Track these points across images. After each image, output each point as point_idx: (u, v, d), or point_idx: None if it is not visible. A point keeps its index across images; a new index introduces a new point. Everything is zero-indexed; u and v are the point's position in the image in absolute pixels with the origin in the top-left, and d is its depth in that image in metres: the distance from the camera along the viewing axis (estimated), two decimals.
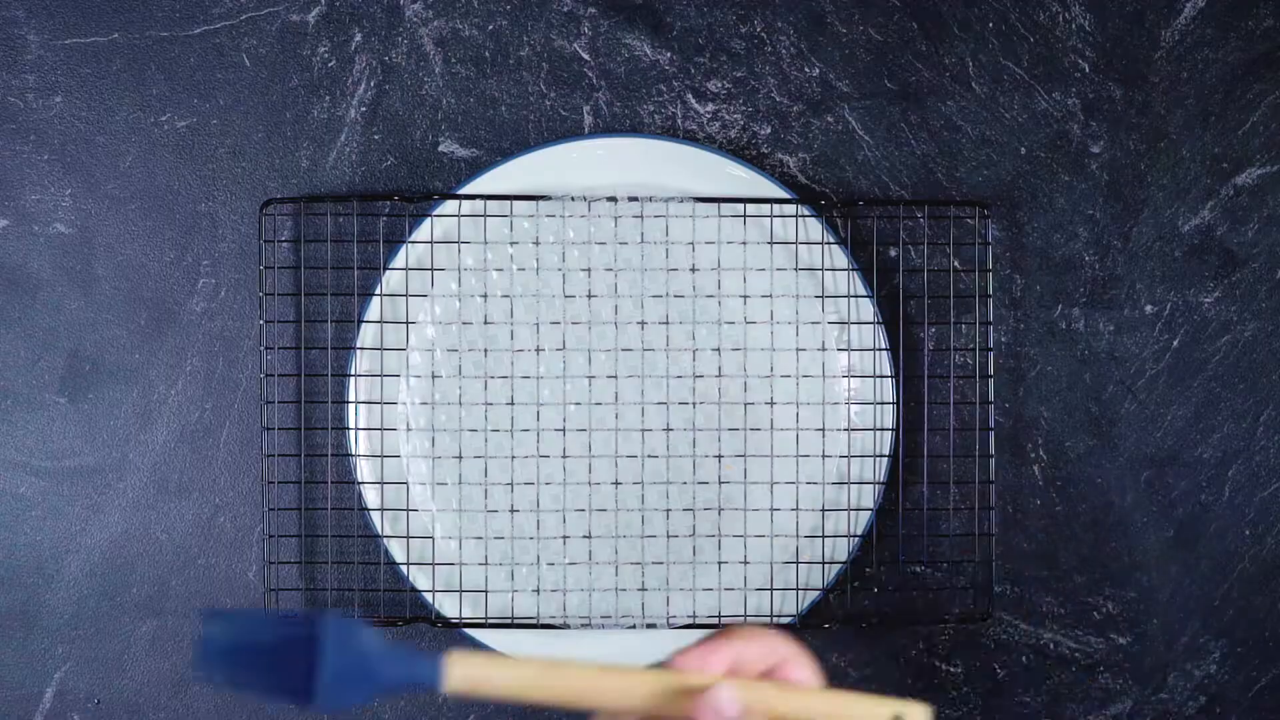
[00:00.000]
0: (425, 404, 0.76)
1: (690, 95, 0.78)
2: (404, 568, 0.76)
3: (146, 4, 0.78)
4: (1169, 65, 0.79)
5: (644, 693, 0.51)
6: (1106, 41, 0.79)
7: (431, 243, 0.76)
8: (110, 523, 0.78)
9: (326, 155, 0.78)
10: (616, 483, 0.76)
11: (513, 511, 0.76)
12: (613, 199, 0.76)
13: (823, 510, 0.76)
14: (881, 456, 0.77)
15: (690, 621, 0.76)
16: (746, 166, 0.76)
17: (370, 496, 0.76)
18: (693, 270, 0.76)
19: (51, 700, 0.78)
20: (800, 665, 0.53)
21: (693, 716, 0.50)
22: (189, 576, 0.78)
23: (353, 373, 0.76)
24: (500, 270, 0.76)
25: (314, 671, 0.48)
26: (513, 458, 0.76)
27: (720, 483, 0.76)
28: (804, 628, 0.77)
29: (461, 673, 0.49)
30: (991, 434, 0.77)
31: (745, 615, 0.76)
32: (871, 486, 0.76)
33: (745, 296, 0.76)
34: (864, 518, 0.76)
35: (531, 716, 0.78)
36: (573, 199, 0.76)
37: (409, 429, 0.76)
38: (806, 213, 0.76)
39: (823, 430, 0.76)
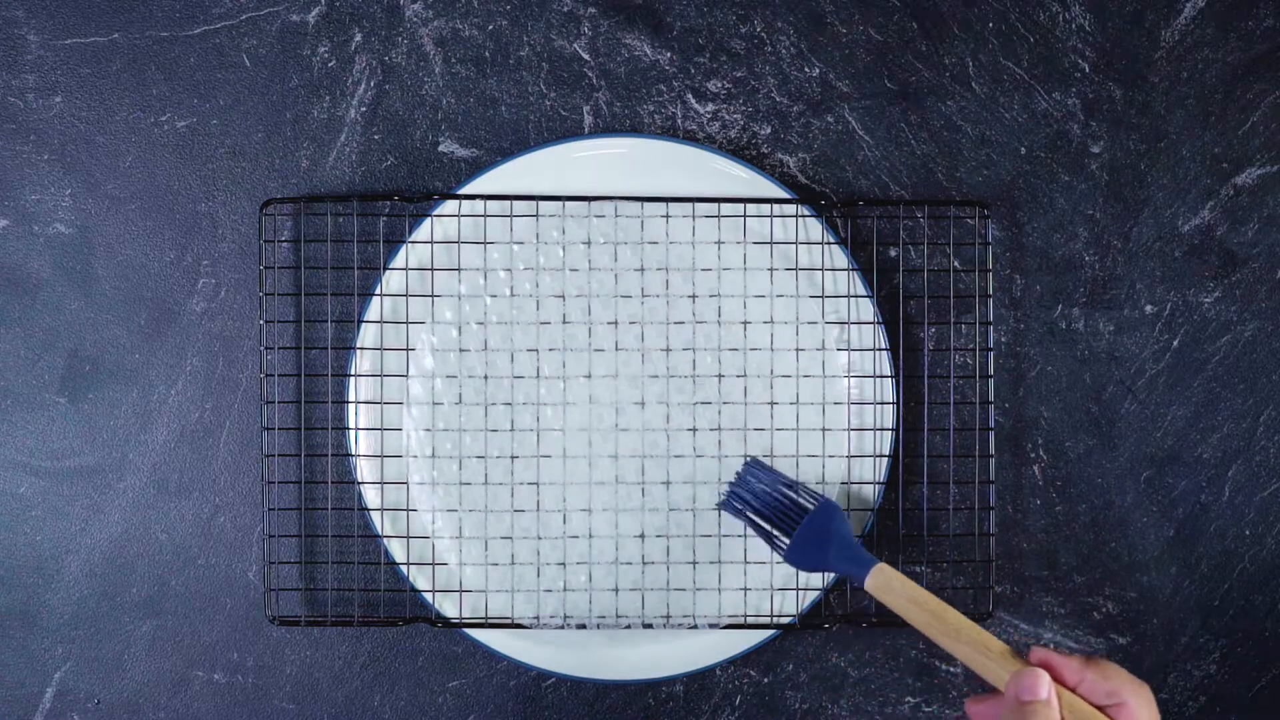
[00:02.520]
0: (425, 404, 0.76)
1: (690, 95, 0.78)
2: (404, 568, 0.76)
3: (146, 4, 0.78)
4: (1169, 65, 0.79)
5: (993, 660, 0.64)
6: (1106, 41, 0.79)
7: (432, 243, 0.76)
8: (110, 523, 0.78)
9: (326, 155, 0.78)
10: (617, 483, 0.76)
11: (513, 511, 0.76)
12: (613, 199, 0.76)
13: None
14: (881, 456, 0.77)
15: (690, 622, 0.76)
16: (746, 166, 0.76)
17: (370, 496, 0.76)
18: (693, 270, 0.76)
19: (51, 700, 0.78)
20: (1130, 713, 0.61)
21: (1019, 676, 0.61)
22: (189, 576, 0.78)
23: (353, 373, 0.76)
24: (500, 270, 0.76)
25: (793, 534, 0.71)
26: (513, 458, 0.76)
27: (720, 483, 0.76)
28: (804, 628, 0.77)
29: (876, 583, 0.69)
30: (991, 434, 0.77)
31: (745, 615, 0.76)
32: (871, 486, 0.76)
33: (745, 296, 0.76)
34: (864, 518, 0.76)
35: (533, 717, 0.78)
36: (573, 199, 0.76)
37: (409, 429, 0.76)
38: (806, 213, 0.76)
39: (823, 430, 0.76)
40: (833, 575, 0.76)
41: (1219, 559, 0.79)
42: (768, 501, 0.73)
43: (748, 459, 0.75)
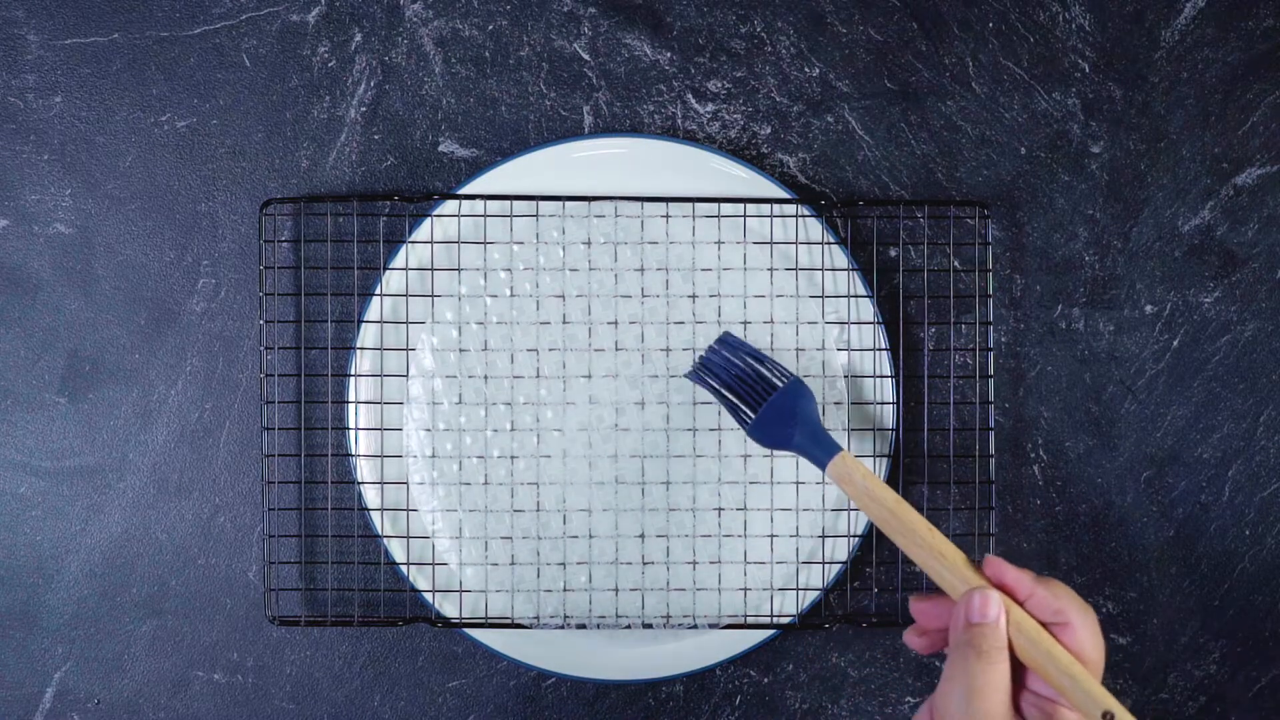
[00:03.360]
0: (425, 404, 0.76)
1: (690, 95, 0.78)
2: (404, 568, 0.76)
3: (146, 4, 0.78)
4: (1169, 65, 0.79)
5: (946, 568, 0.64)
6: (1106, 41, 0.79)
7: (432, 243, 0.76)
8: (110, 523, 0.78)
9: (326, 155, 0.78)
10: (617, 483, 0.76)
11: (513, 511, 0.76)
12: (612, 199, 0.76)
13: (823, 510, 0.76)
14: (881, 456, 0.77)
15: (690, 622, 0.76)
16: (746, 166, 0.76)
17: (370, 496, 0.76)
18: (693, 270, 0.76)
19: (51, 700, 0.78)
20: (1074, 632, 0.61)
21: (969, 596, 0.62)
22: (189, 576, 0.78)
23: (353, 373, 0.76)
24: (500, 270, 0.76)
25: (759, 409, 0.70)
26: (513, 458, 0.76)
27: (720, 483, 0.76)
28: (804, 628, 0.77)
29: (837, 470, 0.68)
30: (991, 434, 0.77)
31: (745, 615, 0.76)
32: None
33: (745, 296, 0.76)
34: (864, 518, 0.76)
35: (533, 717, 0.78)
36: (573, 199, 0.76)
37: (409, 429, 0.76)
38: (806, 213, 0.76)
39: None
40: (832, 576, 0.76)
41: (1219, 559, 0.79)
42: (736, 373, 0.71)
43: (725, 333, 0.73)
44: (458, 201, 0.76)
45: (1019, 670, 0.62)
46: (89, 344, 0.78)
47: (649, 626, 0.76)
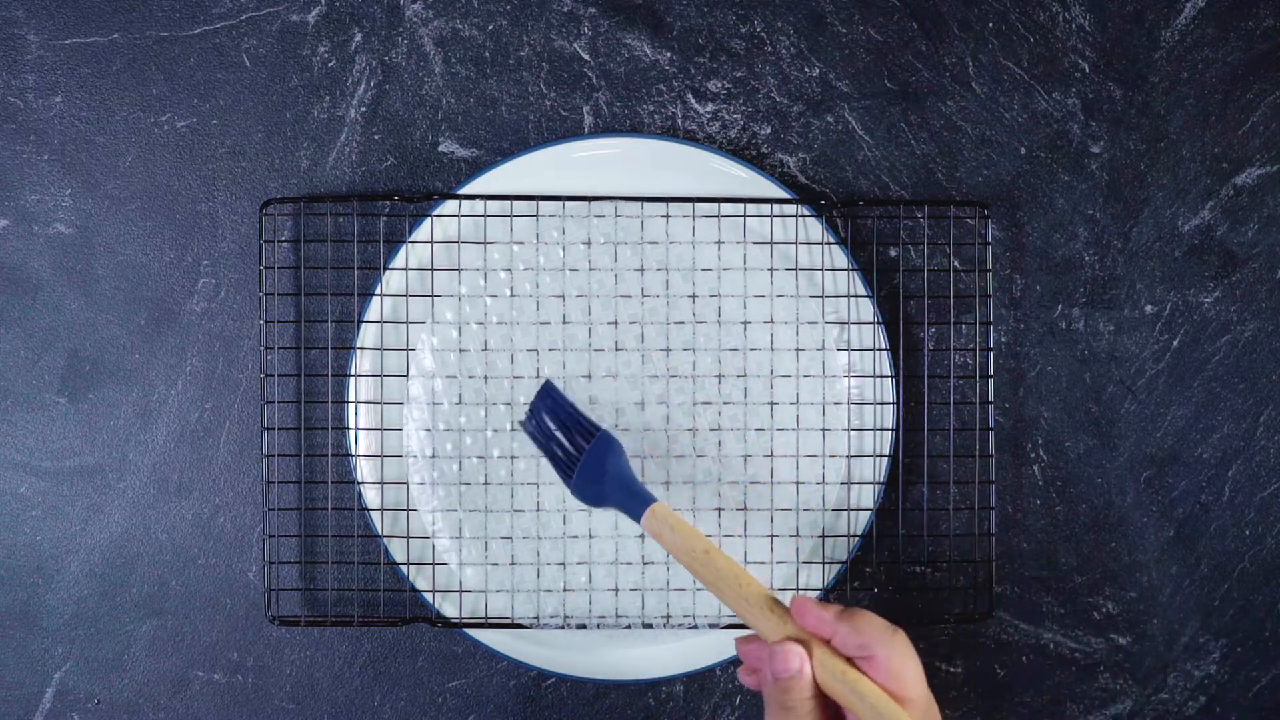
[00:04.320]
0: (425, 404, 0.76)
1: (690, 95, 0.78)
2: (404, 568, 0.76)
3: (146, 4, 0.78)
4: (1169, 65, 0.79)
5: (754, 615, 0.65)
6: (1106, 41, 0.79)
7: (432, 243, 0.76)
8: (110, 523, 0.78)
9: (326, 155, 0.78)
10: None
11: (513, 511, 0.76)
12: (613, 199, 0.76)
13: (823, 510, 0.76)
14: (881, 456, 0.77)
15: (690, 622, 0.76)
16: (746, 166, 0.76)
17: (370, 496, 0.76)
18: (693, 270, 0.76)
19: (51, 700, 0.78)
20: (879, 664, 0.63)
21: (770, 652, 0.63)
22: (189, 576, 0.78)
23: (353, 373, 0.76)
24: (500, 270, 0.76)
25: (575, 466, 0.69)
26: (513, 458, 0.76)
27: (720, 483, 0.76)
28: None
29: (650, 523, 0.67)
30: (991, 434, 0.77)
31: None
32: (871, 486, 0.76)
33: (745, 296, 0.76)
34: (864, 518, 0.76)
35: (533, 717, 0.78)
36: (573, 199, 0.76)
37: (409, 429, 0.76)
38: (806, 213, 0.76)
39: (823, 430, 0.76)
40: (832, 576, 0.76)
41: (1219, 559, 0.79)
42: (553, 429, 0.70)
43: (545, 383, 0.71)
44: (458, 201, 0.76)
45: (838, 708, 0.64)
46: (89, 344, 0.78)
47: (649, 626, 0.76)
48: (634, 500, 0.68)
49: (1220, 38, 0.79)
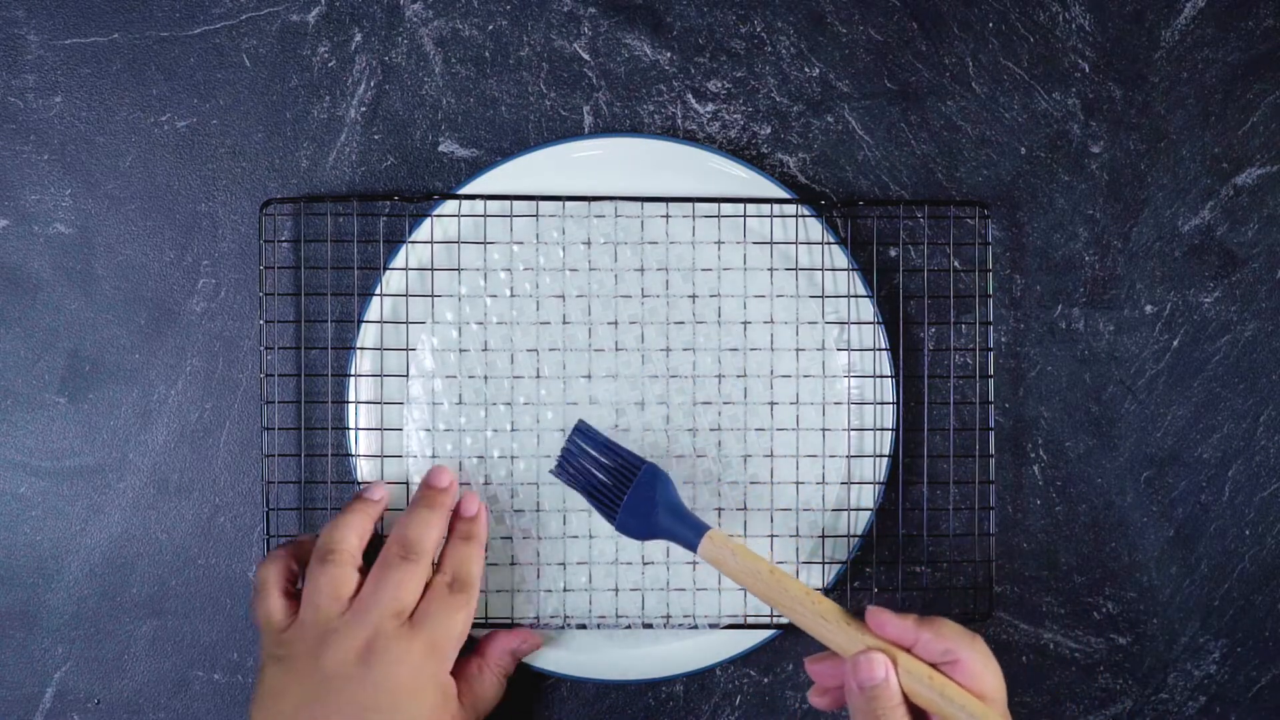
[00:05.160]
0: (425, 404, 0.76)
1: (690, 95, 0.78)
2: None
3: (146, 4, 0.78)
4: (1169, 65, 0.79)
5: (831, 629, 0.66)
6: (1106, 41, 0.79)
7: (432, 242, 0.76)
8: (110, 523, 0.78)
9: (326, 155, 0.78)
10: None
11: (513, 511, 0.76)
12: (613, 199, 0.76)
13: (823, 510, 0.76)
14: (881, 456, 0.77)
15: (690, 622, 0.76)
16: (746, 166, 0.76)
17: None
18: (693, 270, 0.76)
19: (51, 700, 0.78)
20: (964, 667, 0.64)
21: (854, 663, 0.65)
22: (189, 576, 0.78)
23: (353, 373, 0.76)
24: (500, 270, 0.76)
25: (620, 501, 0.69)
26: (513, 457, 0.76)
27: (720, 483, 0.76)
28: None
29: (708, 551, 0.68)
30: (991, 434, 0.77)
31: (745, 615, 0.76)
32: (871, 486, 0.76)
33: (745, 296, 0.76)
34: (864, 518, 0.76)
35: (533, 717, 0.78)
36: (573, 199, 0.76)
37: (409, 429, 0.76)
38: (806, 213, 0.76)
39: (823, 430, 0.76)
40: (832, 576, 0.76)
41: (1219, 559, 0.79)
42: (593, 467, 0.71)
43: (578, 422, 0.72)
44: (458, 201, 0.76)
45: (924, 715, 0.65)
46: (89, 344, 0.78)
47: (649, 626, 0.76)
48: (688, 529, 0.69)
49: (1220, 38, 0.79)
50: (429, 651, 0.67)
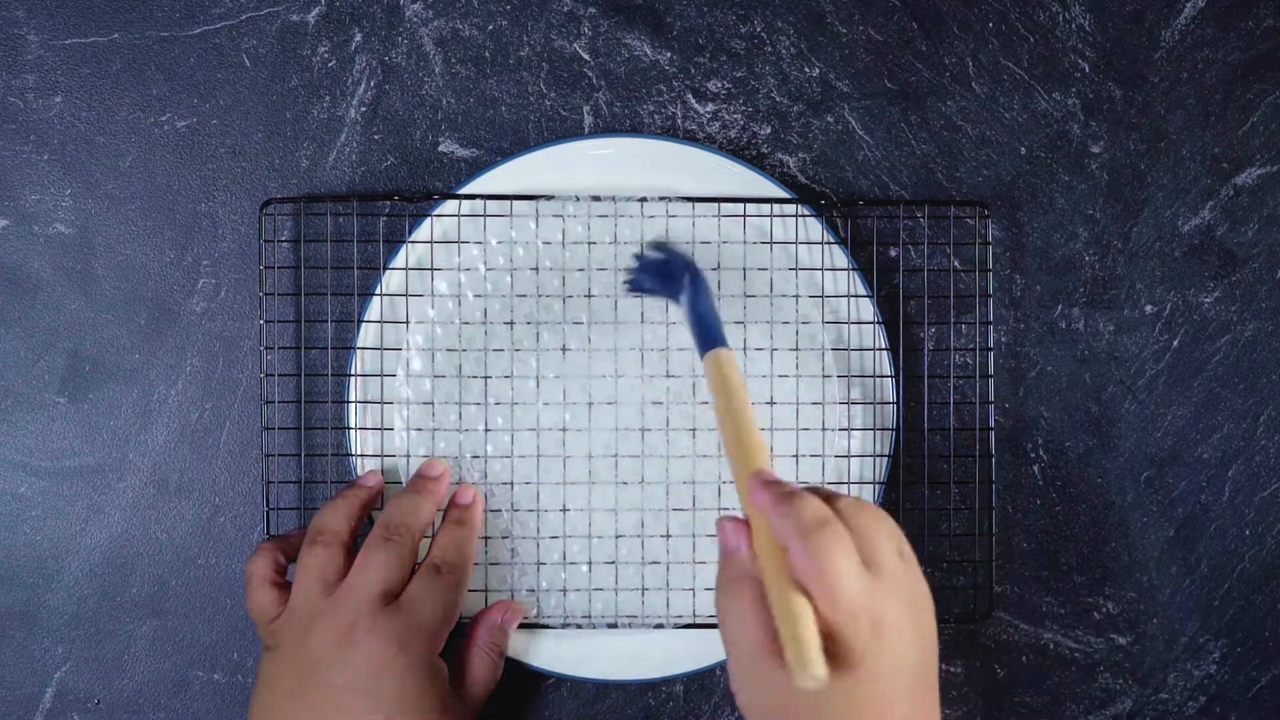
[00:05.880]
0: (425, 404, 0.76)
1: (690, 95, 0.78)
2: None
3: (146, 4, 0.78)
4: (1169, 65, 0.79)
5: (740, 485, 0.60)
6: (1106, 41, 0.79)
7: (432, 242, 0.76)
8: (110, 523, 0.78)
9: (326, 155, 0.78)
10: (616, 482, 0.76)
11: (512, 511, 0.76)
12: (613, 199, 0.76)
13: None
14: (881, 456, 0.77)
15: (690, 621, 0.76)
16: (746, 166, 0.76)
17: None
18: None
19: (51, 700, 0.78)
20: (797, 561, 0.55)
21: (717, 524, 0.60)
22: (189, 576, 0.78)
23: (353, 372, 0.76)
24: (500, 270, 0.76)
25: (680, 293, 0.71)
26: (512, 457, 0.76)
27: (720, 482, 0.76)
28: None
29: (708, 369, 0.66)
30: (992, 434, 0.77)
31: None
32: (871, 486, 0.76)
33: (745, 296, 0.76)
34: None
35: (533, 717, 0.78)
36: (573, 199, 0.76)
37: (409, 429, 0.76)
38: (806, 212, 0.76)
39: (823, 430, 0.76)
40: None
41: (1219, 559, 0.79)
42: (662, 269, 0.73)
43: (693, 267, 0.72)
44: (458, 201, 0.76)
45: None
46: (89, 344, 0.78)
47: (651, 626, 0.76)
48: (706, 337, 0.67)
49: (1220, 38, 0.79)
50: (414, 632, 0.67)
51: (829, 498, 0.59)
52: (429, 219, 0.76)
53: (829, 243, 0.76)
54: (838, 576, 0.54)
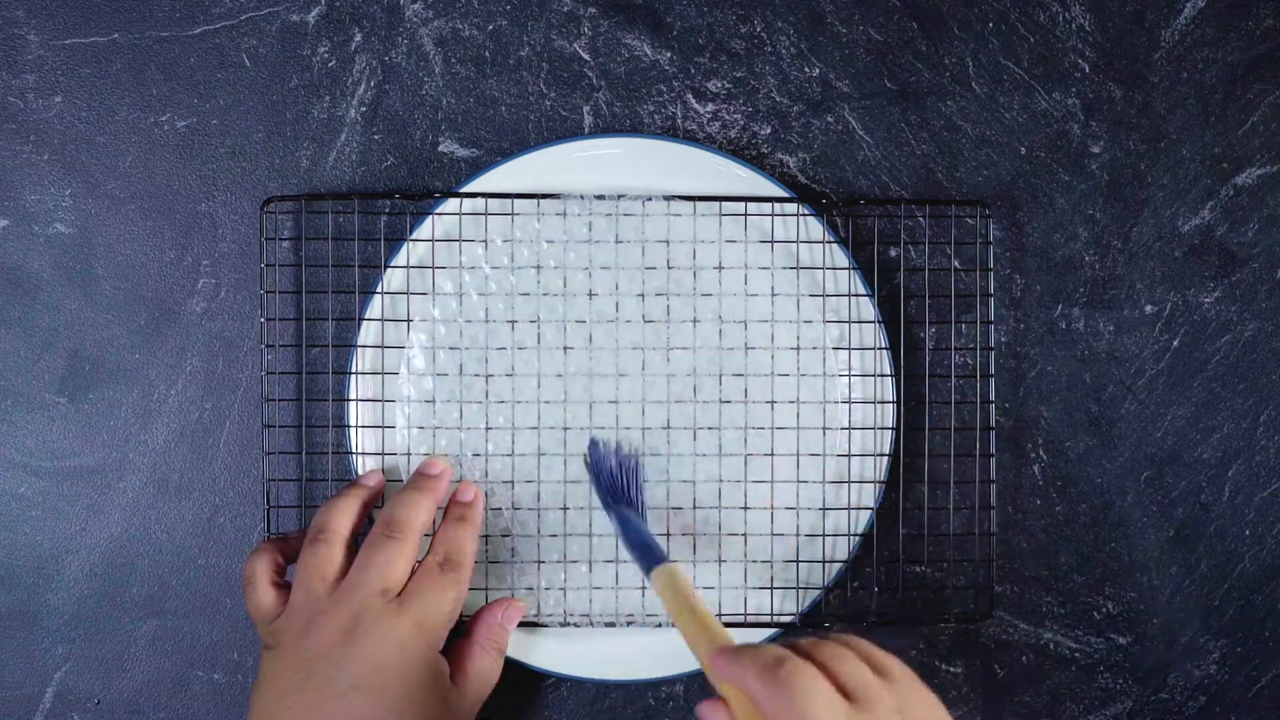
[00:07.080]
0: (426, 402, 0.76)
1: (690, 95, 0.78)
2: None
3: (146, 4, 0.78)
4: (1169, 65, 0.79)
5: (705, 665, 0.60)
6: (1106, 41, 0.79)
7: (433, 241, 0.76)
8: (110, 523, 0.78)
9: (326, 155, 0.78)
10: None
11: (513, 509, 0.76)
12: (613, 198, 0.76)
13: (823, 509, 0.76)
14: (881, 456, 0.77)
15: None
16: (746, 166, 0.76)
17: None
18: (693, 270, 0.76)
19: (51, 700, 0.78)
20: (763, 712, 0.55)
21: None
22: (189, 576, 0.78)
23: (353, 370, 0.76)
24: (501, 269, 0.76)
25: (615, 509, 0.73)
26: (513, 455, 0.76)
27: (720, 481, 0.76)
28: (804, 627, 0.77)
29: (659, 583, 0.66)
30: (992, 434, 0.77)
31: (745, 614, 0.76)
32: (871, 486, 0.76)
33: (746, 296, 0.76)
34: (864, 517, 0.76)
35: (533, 717, 0.78)
36: (573, 198, 0.76)
37: (409, 427, 0.76)
38: (807, 212, 0.76)
39: (823, 429, 0.76)
40: (832, 576, 0.76)
41: (1219, 559, 0.79)
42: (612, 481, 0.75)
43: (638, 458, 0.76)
44: (459, 200, 0.76)
45: None
46: (89, 344, 0.78)
47: (651, 625, 0.76)
48: (646, 556, 0.69)
49: (1220, 38, 0.79)
50: (416, 630, 0.67)
51: (791, 645, 0.58)
52: (430, 217, 0.76)
53: (829, 242, 0.76)
54: (811, 701, 0.54)
